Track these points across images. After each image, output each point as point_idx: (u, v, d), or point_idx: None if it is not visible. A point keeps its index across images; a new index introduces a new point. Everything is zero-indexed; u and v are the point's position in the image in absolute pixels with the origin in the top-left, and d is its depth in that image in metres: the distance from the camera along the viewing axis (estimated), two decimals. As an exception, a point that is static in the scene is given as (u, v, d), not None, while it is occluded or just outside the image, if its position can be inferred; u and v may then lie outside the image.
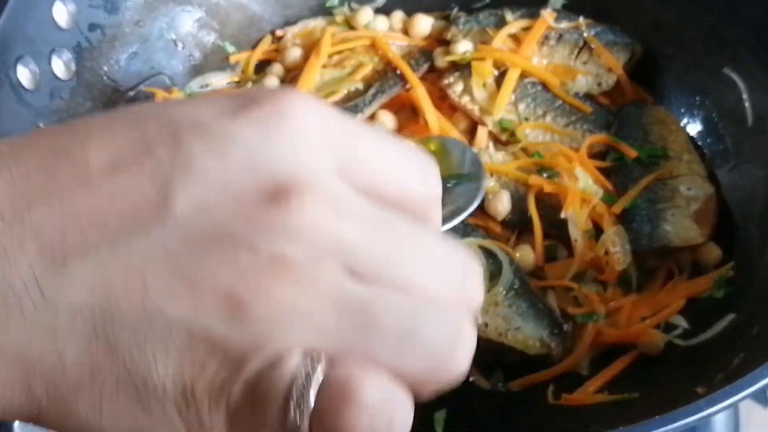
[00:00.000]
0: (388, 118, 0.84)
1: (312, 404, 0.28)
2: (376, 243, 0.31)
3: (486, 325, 0.69)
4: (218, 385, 0.29)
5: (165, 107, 0.32)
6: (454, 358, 0.31)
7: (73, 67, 0.79)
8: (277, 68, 0.90)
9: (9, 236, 0.29)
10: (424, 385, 0.31)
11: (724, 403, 0.53)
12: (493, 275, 0.71)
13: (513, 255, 0.73)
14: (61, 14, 0.77)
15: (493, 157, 0.79)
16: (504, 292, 0.70)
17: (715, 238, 0.74)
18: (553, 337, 0.69)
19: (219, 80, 0.90)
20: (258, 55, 0.91)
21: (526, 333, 0.69)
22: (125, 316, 0.28)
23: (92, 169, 0.29)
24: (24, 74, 0.73)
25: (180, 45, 0.89)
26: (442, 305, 0.31)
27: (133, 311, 0.28)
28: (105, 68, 0.82)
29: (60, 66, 0.77)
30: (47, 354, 0.29)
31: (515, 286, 0.71)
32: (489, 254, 0.72)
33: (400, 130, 0.85)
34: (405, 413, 0.30)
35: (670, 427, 0.52)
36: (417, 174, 0.34)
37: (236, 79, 0.90)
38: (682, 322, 0.71)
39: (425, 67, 0.88)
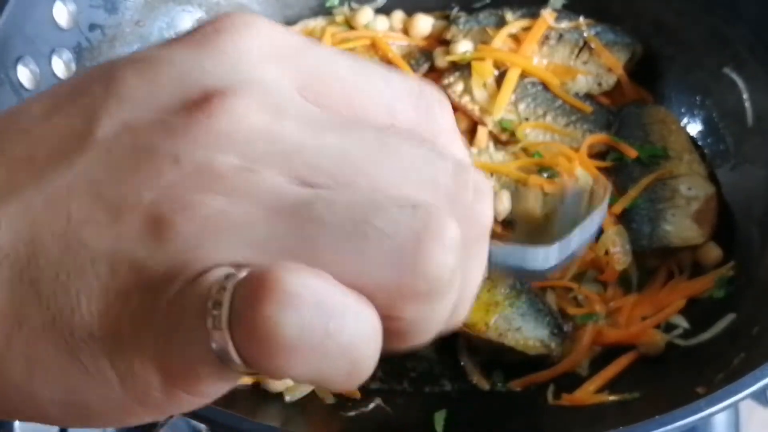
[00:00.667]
0: (388, 118, 0.84)
1: (227, 309, 0.24)
2: (330, 144, 0.27)
3: (486, 325, 0.69)
4: (142, 317, 0.26)
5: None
6: (425, 255, 0.25)
7: (73, 67, 0.78)
8: (277, 68, 0.90)
9: None
10: (393, 301, 0.26)
11: (725, 402, 0.53)
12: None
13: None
14: (62, 14, 0.77)
15: (493, 156, 0.79)
16: (504, 292, 0.70)
17: (716, 238, 0.74)
18: (553, 338, 0.69)
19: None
20: (258, 54, 0.91)
21: (527, 333, 0.69)
22: (50, 252, 0.26)
23: (32, 117, 0.28)
24: (24, 74, 0.73)
25: (180, 45, 0.89)
26: (414, 201, 0.26)
27: (57, 246, 0.26)
28: (105, 68, 0.82)
29: (60, 66, 0.77)
30: None
31: (516, 287, 0.71)
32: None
33: (400, 129, 0.85)
34: (357, 328, 0.25)
35: (670, 427, 0.52)
36: (406, 102, 0.30)
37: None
38: (683, 322, 0.71)
39: (425, 67, 0.88)
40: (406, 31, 0.91)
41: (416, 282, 0.25)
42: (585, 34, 0.85)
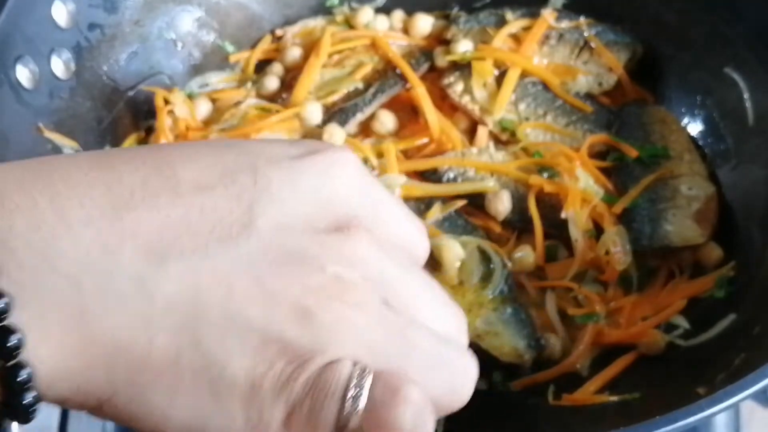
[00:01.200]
0: (388, 118, 0.84)
1: (366, 398, 0.34)
2: (407, 281, 0.37)
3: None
4: (283, 381, 0.34)
5: (240, 143, 0.39)
6: (465, 386, 0.37)
7: (72, 66, 0.78)
8: (277, 68, 0.90)
9: (109, 233, 0.32)
10: (440, 407, 0.36)
11: (725, 403, 0.53)
12: (484, 277, 0.71)
13: (507, 260, 0.72)
14: (61, 14, 0.77)
15: (493, 156, 0.79)
16: (491, 296, 0.70)
17: (716, 238, 0.74)
18: (528, 350, 0.69)
19: (219, 80, 0.89)
20: (258, 54, 0.91)
21: (504, 340, 0.69)
22: (211, 314, 0.33)
23: (182, 184, 0.34)
24: (23, 74, 0.73)
25: (180, 44, 0.89)
26: (454, 344, 0.38)
27: (218, 310, 0.33)
28: (104, 68, 0.82)
29: (59, 65, 0.77)
30: (137, 341, 0.32)
31: (504, 292, 0.71)
32: (484, 256, 0.72)
33: (401, 129, 0.85)
34: (432, 422, 0.35)
35: (671, 427, 0.52)
36: (416, 232, 0.41)
37: (236, 78, 0.90)
38: (683, 323, 0.71)
39: (425, 66, 0.88)
40: (406, 30, 0.91)
41: (455, 401, 0.38)
42: (585, 34, 0.85)
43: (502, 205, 0.76)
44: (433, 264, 0.70)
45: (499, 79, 0.84)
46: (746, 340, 0.64)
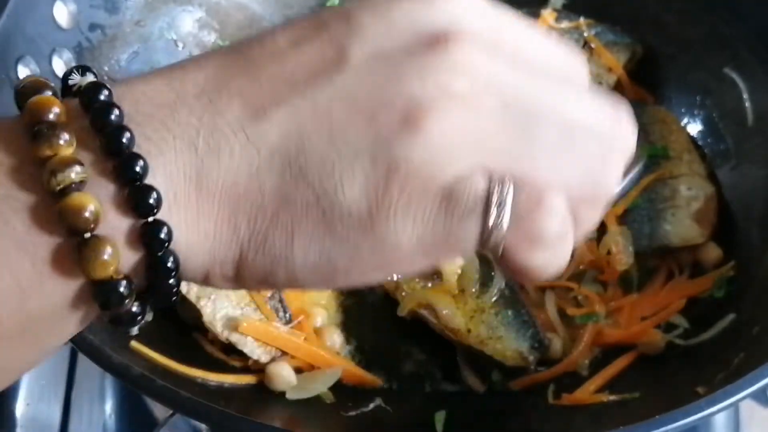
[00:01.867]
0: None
1: (509, 212, 0.33)
2: (528, 82, 0.35)
3: (469, 331, 0.69)
4: (405, 202, 0.34)
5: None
6: (606, 174, 0.36)
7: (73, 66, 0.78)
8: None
9: (217, 98, 0.34)
10: (580, 202, 0.36)
11: (725, 402, 0.53)
12: (485, 281, 0.71)
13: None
14: (62, 14, 0.77)
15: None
16: (492, 300, 0.70)
17: (716, 237, 0.74)
18: (532, 351, 0.69)
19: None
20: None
21: (507, 343, 0.69)
22: (315, 147, 0.33)
23: (279, 46, 0.35)
24: (24, 74, 0.73)
25: (180, 45, 0.89)
26: (595, 129, 0.36)
27: (322, 143, 0.33)
28: (106, 68, 0.82)
29: (61, 66, 0.77)
30: (251, 190, 0.34)
31: (505, 294, 0.71)
32: (484, 259, 0.72)
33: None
34: (570, 238, 0.36)
35: (670, 426, 0.52)
36: (560, 53, 0.38)
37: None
38: (683, 322, 0.71)
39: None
40: (406, 31, 0.91)
41: (597, 189, 0.37)
42: (585, 34, 0.85)
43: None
44: (433, 274, 0.70)
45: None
46: (746, 340, 0.64)
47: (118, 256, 0.33)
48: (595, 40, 0.84)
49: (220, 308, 0.67)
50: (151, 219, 0.33)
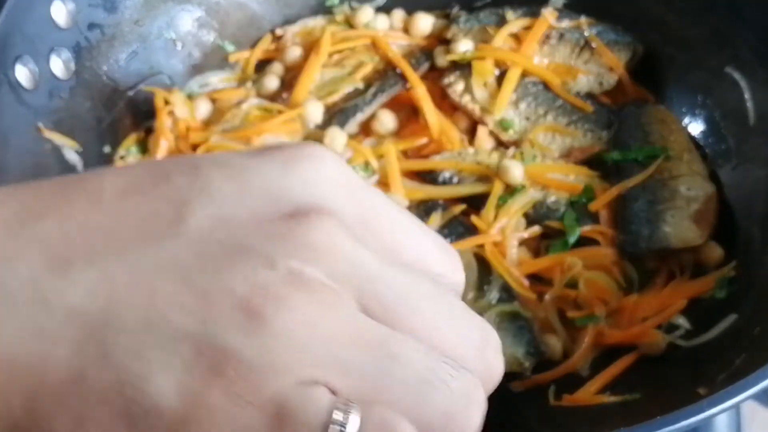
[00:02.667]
0: (388, 118, 0.84)
1: None
2: (396, 281, 0.30)
3: None
4: (228, 407, 0.27)
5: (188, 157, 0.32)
6: (468, 416, 0.30)
7: (72, 66, 0.78)
8: (277, 67, 0.89)
9: (13, 243, 0.28)
10: None
11: (727, 403, 0.53)
12: (482, 285, 0.70)
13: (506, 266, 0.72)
14: (60, 13, 0.77)
15: (489, 158, 0.79)
16: (490, 304, 0.70)
17: (717, 238, 0.74)
18: (528, 357, 0.69)
19: (219, 79, 0.89)
20: (258, 54, 0.91)
21: (503, 349, 0.68)
22: (126, 322, 0.27)
23: (105, 192, 0.30)
24: (23, 74, 0.73)
25: (179, 44, 0.89)
26: (463, 360, 0.30)
27: (135, 318, 0.27)
28: (104, 68, 0.82)
29: (59, 65, 0.77)
30: (32, 356, 0.27)
31: (503, 298, 0.70)
32: (482, 263, 0.72)
33: (401, 129, 0.85)
34: None
35: (672, 427, 0.52)
36: (437, 252, 0.33)
37: (236, 78, 0.90)
38: (684, 323, 0.70)
39: (426, 66, 0.88)
40: (406, 30, 0.91)
41: (456, 428, 0.29)
42: (586, 34, 0.84)
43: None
44: None
45: (500, 79, 0.83)
46: (747, 341, 0.64)
47: None
48: (596, 40, 0.84)
49: None
50: None
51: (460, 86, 0.84)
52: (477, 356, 0.31)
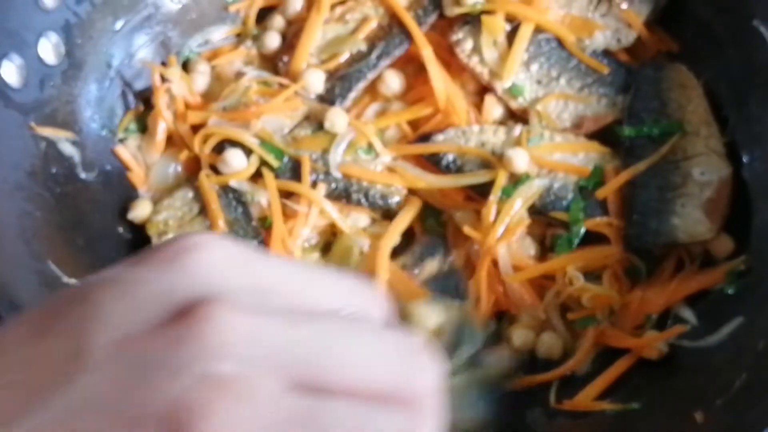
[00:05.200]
0: (394, 79, 0.81)
1: None
2: (307, 340, 0.30)
3: None
4: None
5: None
6: None
7: (62, 50, 0.76)
8: (278, 21, 0.85)
9: None
10: None
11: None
12: (456, 343, 0.69)
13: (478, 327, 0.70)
14: (46, -5, 0.73)
15: (494, 136, 0.76)
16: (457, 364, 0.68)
17: (729, 224, 0.71)
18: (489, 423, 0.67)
19: (219, 37, 0.86)
20: (259, 3, 0.87)
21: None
22: None
23: (8, 342, 0.30)
24: (10, 72, 0.71)
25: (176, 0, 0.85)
26: (391, 401, 0.31)
27: None
28: (98, 41, 0.79)
29: (48, 51, 0.74)
30: None
31: (473, 363, 0.68)
32: (466, 321, 0.70)
33: (408, 90, 0.81)
34: None
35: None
36: (346, 293, 0.33)
37: (236, 32, 0.86)
38: (691, 317, 0.69)
39: (433, 17, 0.83)
40: (413, -24, 0.85)
41: None
42: (605, -17, 0.79)
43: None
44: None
45: (511, 36, 0.79)
46: (749, 357, 0.63)
47: None
48: (615, -9, 0.78)
49: None
50: None
51: (468, 45, 0.80)
52: (406, 378, 0.31)
